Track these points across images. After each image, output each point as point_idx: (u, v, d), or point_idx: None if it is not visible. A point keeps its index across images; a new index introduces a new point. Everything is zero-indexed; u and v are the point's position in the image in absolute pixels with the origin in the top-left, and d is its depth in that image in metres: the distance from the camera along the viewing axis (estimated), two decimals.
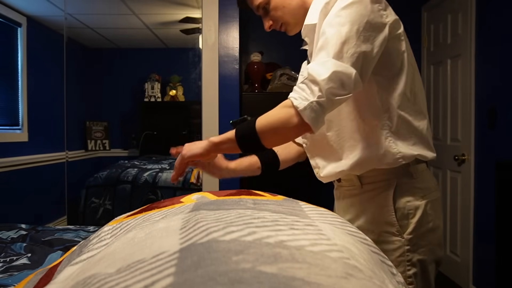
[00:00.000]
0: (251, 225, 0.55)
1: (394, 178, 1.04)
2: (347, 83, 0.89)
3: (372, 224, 1.06)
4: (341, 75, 0.88)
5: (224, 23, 2.50)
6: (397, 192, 1.04)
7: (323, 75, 0.87)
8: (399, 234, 1.03)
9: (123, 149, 4.30)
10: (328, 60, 0.90)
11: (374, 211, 1.06)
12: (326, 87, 0.87)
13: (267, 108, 0.98)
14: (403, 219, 1.03)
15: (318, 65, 0.90)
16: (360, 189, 1.09)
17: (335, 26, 0.92)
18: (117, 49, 4.35)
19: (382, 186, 1.05)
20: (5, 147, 3.15)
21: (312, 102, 0.88)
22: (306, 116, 0.88)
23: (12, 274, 1.15)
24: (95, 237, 0.73)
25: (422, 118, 1.05)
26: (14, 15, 3.30)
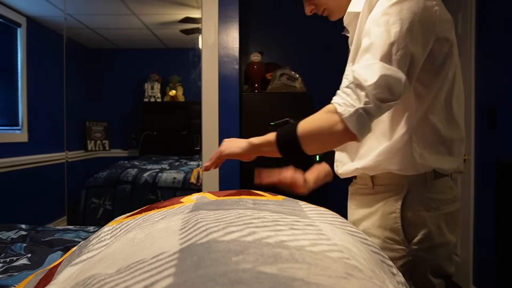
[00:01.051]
0: (251, 225, 0.55)
1: (406, 184, 0.97)
2: (396, 88, 0.82)
3: (378, 229, 1.00)
4: (389, 79, 0.81)
5: (224, 23, 2.50)
6: (408, 199, 0.96)
7: (370, 80, 0.81)
8: (404, 243, 0.96)
9: (123, 150, 4.30)
10: (375, 62, 0.82)
11: (381, 216, 1.00)
12: (373, 92, 0.81)
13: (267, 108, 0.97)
14: (410, 228, 0.96)
15: (364, 68, 0.83)
16: (371, 190, 1.04)
17: (383, 25, 0.84)
18: (117, 49, 4.35)
19: (393, 190, 0.99)
20: (5, 147, 3.15)
21: (358, 109, 0.82)
22: (351, 124, 0.82)
23: (12, 275, 1.15)
24: (95, 237, 0.73)
25: (455, 128, 0.98)
26: (14, 15, 3.30)
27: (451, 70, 0.95)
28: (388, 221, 0.98)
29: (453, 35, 0.94)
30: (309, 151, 0.91)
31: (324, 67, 3.13)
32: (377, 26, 0.85)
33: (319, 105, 0.93)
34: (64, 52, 3.55)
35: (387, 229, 0.98)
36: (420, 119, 0.94)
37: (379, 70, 0.81)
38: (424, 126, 0.94)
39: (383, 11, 0.85)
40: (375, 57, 0.83)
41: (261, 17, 3.19)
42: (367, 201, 1.05)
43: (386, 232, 0.98)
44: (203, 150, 2.50)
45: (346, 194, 1.18)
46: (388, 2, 0.84)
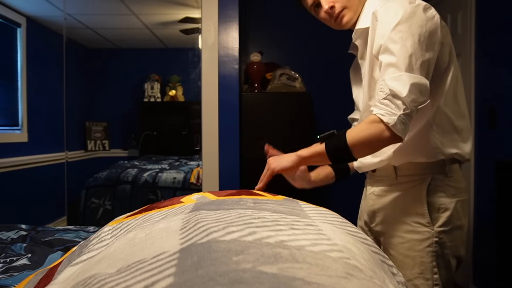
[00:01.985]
0: (251, 225, 0.55)
1: (429, 174, 1.10)
2: (424, 91, 0.97)
3: (404, 215, 1.13)
4: (418, 86, 0.96)
5: (224, 23, 2.50)
6: (431, 187, 1.10)
7: (404, 89, 0.94)
8: (429, 226, 1.09)
9: (123, 150, 4.30)
10: (402, 74, 0.96)
11: (407, 202, 1.13)
12: (408, 99, 0.95)
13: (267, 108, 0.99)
14: (434, 213, 1.09)
15: (394, 81, 0.97)
16: (395, 181, 1.16)
17: (399, 41, 0.97)
18: (117, 49, 4.35)
19: (417, 179, 1.12)
20: (5, 148, 3.15)
21: (400, 116, 0.95)
22: (397, 130, 0.96)
23: (12, 275, 1.15)
24: (95, 237, 0.73)
25: (463, 118, 1.12)
26: (14, 15, 3.30)
27: (454, 68, 1.09)
28: (414, 206, 1.11)
29: (450, 38, 1.10)
30: (359, 156, 1.04)
31: (324, 67, 3.13)
32: (394, 43, 0.98)
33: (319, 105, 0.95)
34: (64, 52, 3.55)
35: (413, 214, 1.11)
36: (436, 111, 1.08)
37: (408, 80, 0.95)
38: (440, 116, 1.09)
39: (396, 29, 0.98)
40: (400, 69, 0.97)
41: (261, 17, 3.19)
42: (390, 191, 1.18)
43: (413, 217, 1.11)
44: (203, 150, 2.50)
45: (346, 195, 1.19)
46: (396, 19, 0.98)
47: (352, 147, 1.00)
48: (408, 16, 0.98)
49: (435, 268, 1.09)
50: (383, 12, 1.02)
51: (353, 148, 1.01)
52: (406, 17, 0.98)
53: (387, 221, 1.18)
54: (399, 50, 0.97)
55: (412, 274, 1.10)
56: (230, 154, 2.48)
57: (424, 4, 1.01)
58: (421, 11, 0.99)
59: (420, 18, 0.98)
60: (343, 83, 1.37)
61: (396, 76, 0.96)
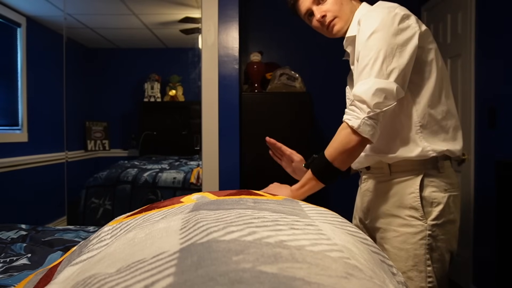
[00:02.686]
0: (251, 225, 0.55)
1: (422, 169, 1.15)
2: (390, 95, 1.03)
3: (398, 208, 1.16)
4: (383, 90, 1.02)
5: (224, 23, 2.49)
6: (424, 182, 1.14)
7: (368, 94, 1.01)
8: (423, 219, 1.13)
9: (123, 149, 4.30)
10: (370, 79, 1.03)
11: (401, 196, 1.16)
12: (372, 102, 1.01)
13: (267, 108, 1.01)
14: (427, 206, 1.13)
15: (361, 86, 1.04)
16: (389, 176, 1.20)
17: (373, 48, 1.05)
18: (117, 49, 4.35)
19: (410, 175, 1.16)
20: (5, 147, 3.15)
21: (364, 118, 1.02)
22: (363, 131, 1.02)
23: (12, 275, 1.15)
24: (95, 237, 0.73)
25: (451, 118, 1.17)
26: (14, 15, 3.30)
27: (438, 70, 1.15)
28: (408, 200, 1.15)
29: (434, 42, 1.15)
30: (343, 166, 1.09)
31: (324, 67, 3.13)
32: (367, 50, 1.06)
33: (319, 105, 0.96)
34: (64, 52, 3.55)
35: (407, 208, 1.15)
36: (422, 112, 1.13)
37: (374, 85, 1.02)
38: (426, 118, 1.13)
39: (371, 38, 1.05)
40: (370, 75, 1.04)
41: (261, 17, 3.19)
42: (384, 186, 1.22)
43: (406, 210, 1.15)
44: (203, 150, 2.50)
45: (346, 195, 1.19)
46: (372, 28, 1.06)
47: (333, 161, 1.06)
48: (384, 25, 1.05)
49: (429, 260, 1.13)
50: (363, 21, 1.10)
51: (334, 161, 1.06)
52: (382, 26, 1.05)
53: (381, 216, 1.21)
54: (371, 57, 1.04)
55: (406, 267, 1.14)
56: (230, 154, 2.48)
57: (402, 13, 1.07)
58: (397, 20, 1.05)
59: (395, 27, 1.05)
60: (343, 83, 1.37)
61: (363, 82, 1.04)
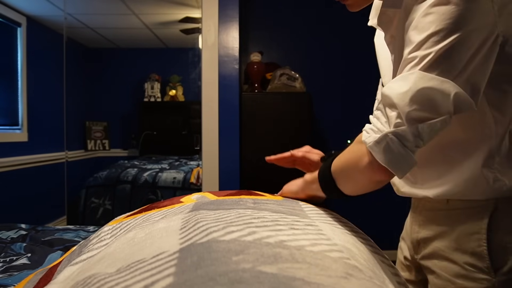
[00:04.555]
0: (251, 225, 0.55)
1: (493, 199, 0.78)
2: (441, 103, 0.61)
3: (454, 252, 0.82)
4: (431, 92, 0.61)
5: (224, 23, 2.50)
6: (495, 217, 0.78)
7: (403, 96, 0.61)
8: (489, 272, 0.78)
9: (123, 149, 4.30)
10: (413, 72, 0.62)
11: (458, 236, 0.81)
12: (407, 110, 0.61)
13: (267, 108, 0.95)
14: (498, 254, 0.77)
15: (398, 81, 0.64)
16: (445, 204, 0.84)
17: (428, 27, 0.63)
18: (117, 49, 4.35)
19: (476, 206, 0.79)
20: (5, 147, 3.15)
21: (387, 135, 0.62)
22: (378, 155, 0.63)
23: (12, 274, 1.15)
24: (95, 237, 0.73)
25: None
26: (14, 15, 3.30)
27: None
28: (469, 244, 0.80)
29: None
30: (347, 191, 0.75)
31: (324, 67, 3.13)
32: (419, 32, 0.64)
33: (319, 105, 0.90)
34: (64, 51, 3.55)
35: (467, 253, 0.80)
36: (503, 133, 0.75)
37: (416, 81, 0.61)
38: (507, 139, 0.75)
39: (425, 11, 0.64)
40: (415, 66, 0.63)
41: (261, 17, 3.19)
42: (438, 217, 0.86)
43: (466, 257, 0.80)
44: (203, 150, 2.50)
45: None
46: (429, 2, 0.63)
47: (335, 175, 0.75)
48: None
49: None
50: None
51: (336, 176, 0.75)
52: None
53: (434, 256, 0.86)
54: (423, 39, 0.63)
55: None
56: (230, 154, 2.48)
57: None
58: None
59: None
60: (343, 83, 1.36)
61: (404, 75, 0.63)
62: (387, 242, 1.11)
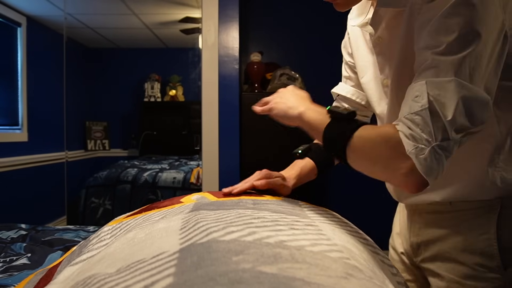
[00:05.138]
0: (251, 225, 0.55)
1: (499, 198, 0.78)
2: (478, 113, 0.62)
3: (463, 253, 0.81)
4: (470, 102, 0.61)
5: (224, 23, 2.50)
6: (504, 215, 0.77)
7: (449, 107, 0.61)
8: (499, 270, 0.77)
9: (123, 149, 4.30)
10: (451, 80, 0.61)
11: (468, 238, 0.80)
12: (452, 122, 0.61)
13: None
14: (508, 252, 0.77)
15: (438, 89, 0.62)
16: (448, 206, 0.83)
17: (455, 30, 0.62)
18: (117, 49, 4.35)
19: (482, 207, 0.79)
20: (5, 147, 3.15)
21: (435, 148, 0.61)
22: (423, 168, 0.61)
23: (12, 274, 1.15)
24: (94, 237, 0.73)
25: None
26: (14, 15, 3.30)
27: None
28: (477, 244, 0.79)
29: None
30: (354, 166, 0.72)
31: (324, 67, 3.13)
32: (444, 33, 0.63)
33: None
34: (64, 51, 3.55)
35: (477, 254, 0.79)
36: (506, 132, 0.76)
37: (457, 91, 0.60)
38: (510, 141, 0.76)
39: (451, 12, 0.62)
40: (446, 72, 0.61)
41: (261, 17, 3.19)
42: (441, 219, 0.85)
43: (475, 258, 0.79)
44: (203, 150, 2.50)
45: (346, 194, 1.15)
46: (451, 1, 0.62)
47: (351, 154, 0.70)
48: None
49: None
50: None
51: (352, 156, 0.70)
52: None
53: (439, 259, 0.84)
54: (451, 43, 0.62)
55: None
56: (230, 154, 2.48)
57: None
58: None
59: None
60: None
61: (439, 82, 0.62)
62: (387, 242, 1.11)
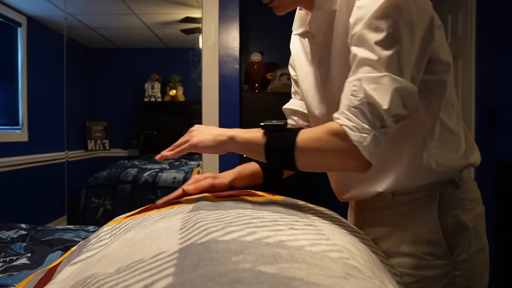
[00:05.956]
0: (251, 225, 0.55)
1: (436, 188, 0.83)
2: (409, 102, 0.71)
3: (410, 245, 0.84)
4: (402, 93, 0.70)
5: (224, 23, 2.50)
6: (442, 204, 0.83)
7: (384, 99, 0.68)
8: (447, 256, 0.81)
9: (123, 149, 4.31)
10: (384, 75, 0.69)
11: (413, 229, 0.84)
12: (388, 111, 0.69)
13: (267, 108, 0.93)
14: (449, 238, 0.82)
15: (373, 83, 0.69)
16: (391, 201, 0.87)
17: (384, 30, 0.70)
18: (117, 49, 4.35)
19: (423, 197, 0.84)
20: (5, 147, 3.15)
21: (376, 135, 0.69)
22: (368, 153, 0.69)
23: (12, 274, 1.15)
24: (94, 237, 0.73)
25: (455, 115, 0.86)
26: (14, 15, 3.30)
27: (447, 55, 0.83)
28: (423, 234, 0.83)
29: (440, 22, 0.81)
30: (302, 167, 0.77)
31: None
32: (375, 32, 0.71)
33: None
34: (65, 51, 3.56)
35: (423, 243, 0.83)
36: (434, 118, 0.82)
37: (390, 85, 0.69)
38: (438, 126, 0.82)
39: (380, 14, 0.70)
40: (379, 68, 0.70)
41: (261, 17, 3.19)
42: (385, 216, 0.89)
43: (423, 247, 0.83)
44: None
45: None
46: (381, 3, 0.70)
47: (299, 155, 0.74)
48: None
49: None
50: None
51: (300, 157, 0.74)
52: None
53: (388, 254, 0.86)
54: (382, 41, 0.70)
55: None
56: (230, 154, 2.48)
57: None
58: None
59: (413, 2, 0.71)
60: None
61: (375, 77, 0.69)
62: None
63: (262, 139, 0.79)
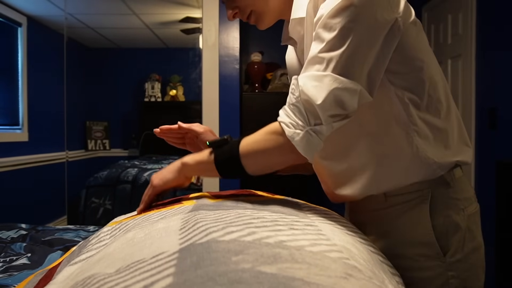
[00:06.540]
0: (251, 225, 0.55)
1: (427, 188, 0.83)
2: (348, 102, 0.71)
3: (403, 247, 0.84)
4: (341, 93, 0.70)
5: (224, 23, 2.50)
6: (433, 205, 0.83)
7: (320, 96, 0.70)
8: (440, 257, 0.81)
9: (123, 149, 4.31)
10: (327, 74, 0.71)
11: (405, 231, 0.84)
12: (323, 110, 0.71)
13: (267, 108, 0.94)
14: (442, 239, 0.82)
15: (313, 80, 0.72)
16: (384, 203, 0.86)
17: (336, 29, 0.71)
18: (117, 49, 4.35)
19: (414, 198, 0.84)
20: (5, 147, 3.15)
21: (308, 131, 0.72)
22: (301, 148, 0.73)
23: (12, 274, 1.15)
24: (94, 237, 0.73)
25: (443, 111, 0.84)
26: (14, 15, 3.30)
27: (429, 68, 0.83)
28: (416, 235, 0.83)
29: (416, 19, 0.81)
30: (252, 171, 0.80)
31: None
32: (328, 31, 0.72)
33: None
34: (65, 51, 3.56)
35: (416, 245, 0.83)
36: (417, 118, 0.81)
37: (330, 84, 0.70)
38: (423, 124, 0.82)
39: (334, 13, 0.71)
40: (326, 67, 0.71)
41: None
42: (377, 217, 0.88)
43: (416, 249, 0.83)
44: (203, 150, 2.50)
45: None
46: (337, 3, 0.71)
47: (245, 161, 0.78)
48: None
49: None
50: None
51: (246, 162, 0.78)
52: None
53: None
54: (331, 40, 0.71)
55: None
56: None
57: None
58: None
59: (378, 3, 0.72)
60: None
61: (317, 76, 0.71)
62: None
63: (210, 156, 0.83)
